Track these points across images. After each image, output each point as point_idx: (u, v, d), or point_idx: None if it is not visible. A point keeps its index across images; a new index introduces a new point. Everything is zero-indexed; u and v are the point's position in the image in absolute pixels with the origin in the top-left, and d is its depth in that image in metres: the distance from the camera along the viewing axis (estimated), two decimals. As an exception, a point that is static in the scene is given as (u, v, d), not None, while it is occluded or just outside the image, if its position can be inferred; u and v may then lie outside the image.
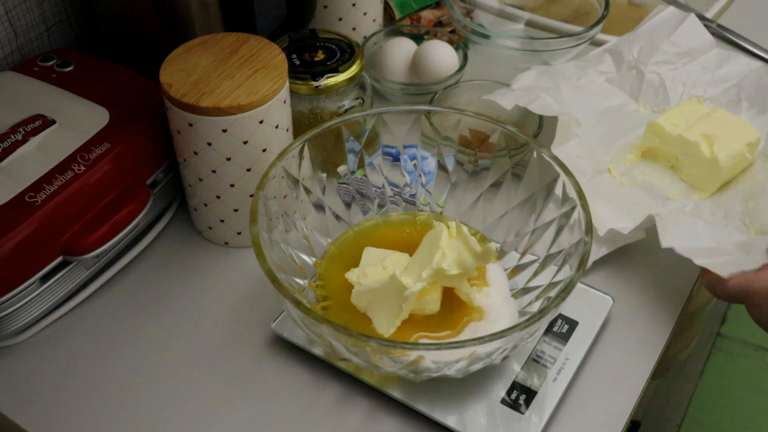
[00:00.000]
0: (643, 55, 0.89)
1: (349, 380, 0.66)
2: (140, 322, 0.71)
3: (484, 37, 0.91)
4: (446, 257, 0.63)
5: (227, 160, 0.70)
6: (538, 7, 1.03)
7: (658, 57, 0.88)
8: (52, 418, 0.65)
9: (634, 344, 0.70)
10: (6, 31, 0.82)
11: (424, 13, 1.00)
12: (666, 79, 0.87)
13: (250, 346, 0.69)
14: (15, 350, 0.69)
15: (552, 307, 0.59)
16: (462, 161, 0.76)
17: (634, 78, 0.88)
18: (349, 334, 0.56)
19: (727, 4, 1.09)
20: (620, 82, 0.88)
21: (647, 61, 0.88)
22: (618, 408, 0.65)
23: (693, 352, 1.33)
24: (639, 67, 0.88)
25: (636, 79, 0.87)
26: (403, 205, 0.78)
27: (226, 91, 0.68)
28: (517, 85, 0.84)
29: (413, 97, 0.91)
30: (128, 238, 0.74)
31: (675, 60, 0.89)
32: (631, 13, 1.09)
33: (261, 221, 0.63)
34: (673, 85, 0.86)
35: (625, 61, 0.89)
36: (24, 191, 0.66)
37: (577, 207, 0.65)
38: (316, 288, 0.70)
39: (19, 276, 0.65)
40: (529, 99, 0.80)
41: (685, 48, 0.89)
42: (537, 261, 0.69)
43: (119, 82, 0.77)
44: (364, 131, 0.73)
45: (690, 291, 0.75)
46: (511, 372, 0.66)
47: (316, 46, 0.81)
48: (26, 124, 0.70)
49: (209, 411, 0.65)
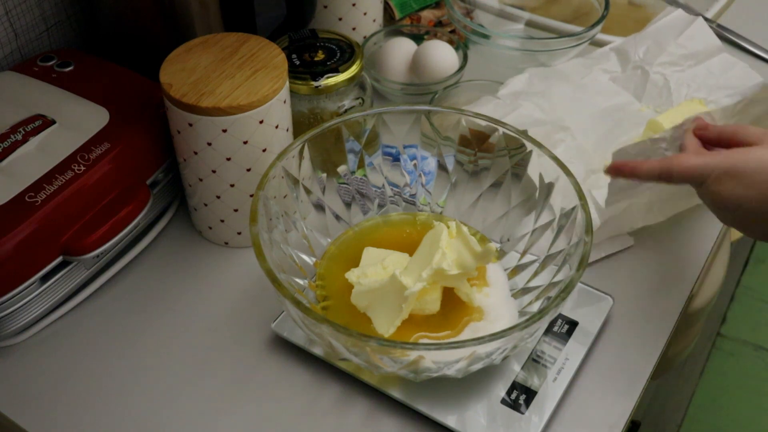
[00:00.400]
0: (649, 56, 0.89)
1: (349, 380, 0.66)
2: (140, 322, 0.71)
3: (484, 37, 0.91)
4: (446, 257, 0.63)
5: (227, 160, 0.70)
6: (538, 7, 1.03)
7: (664, 58, 0.88)
8: (52, 418, 0.65)
9: (634, 344, 0.70)
10: (6, 31, 0.82)
11: (424, 13, 1.00)
12: (671, 80, 0.87)
13: (250, 346, 0.69)
14: (15, 350, 0.69)
15: (552, 307, 0.59)
16: (462, 161, 0.76)
17: (639, 78, 0.88)
18: (349, 334, 0.56)
19: (727, 4, 1.09)
20: (625, 81, 0.88)
21: (653, 62, 0.88)
22: (618, 408, 0.65)
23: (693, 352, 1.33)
24: (644, 67, 0.88)
25: (641, 78, 0.87)
26: (403, 205, 0.78)
27: (226, 91, 0.68)
28: (504, 91, 0.84)
29: (413, 97, 0.91)
30: (128, 238, 0.74)
31: (681, 62, 0.88)
32: (631, 13, 1.09)
33: (261, 221, 0.63)
34: (677, 87, 0.86)
35: (630, 61, 0.89)
36: (24, 191, 0.66)
37: (577, 207, 0.65)
38: (316, 288, 0.70)
39: (19, 276, 0.65)
40: (506, 110, 0.80)
41: (691, 50, 0.89)
42: (537, 261, 0.69)
43: (119, 82, 0.78)
44: (364, 131, 0.73)
45: (690, 291, 0.75)
46: (511, 372, 0.66)
47: (316, 46, 0.81)
48: (26, 124, 0.70)
49: (209, 411, 0.65)
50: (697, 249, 0.78)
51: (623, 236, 0.77)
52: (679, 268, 0.76)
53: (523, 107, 0.80)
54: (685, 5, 1.07)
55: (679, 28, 0.90)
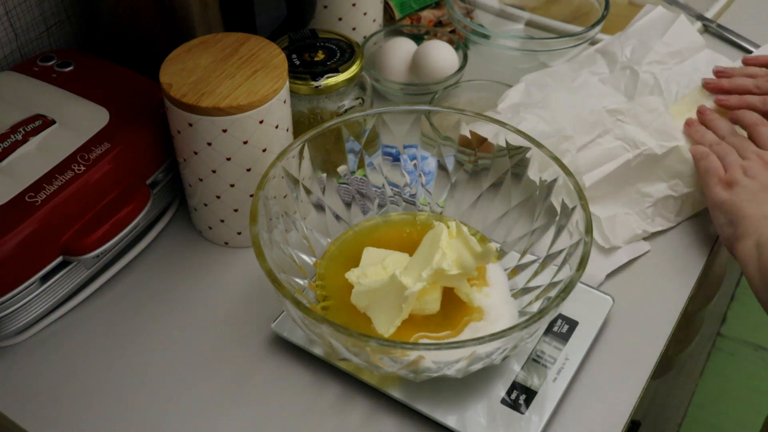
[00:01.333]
0: (636, 56, 0.89)
1: (349, 380, 0.66)
2: (140, 322, 0.71)
3: (484, 37, 0.91)
4: (446, 257, 0.63)
5: (227, 160, 0.70)
6: (538, 7, 1.03)
7: (652, 57, 0.88)
8: (52, 418, 0.65)
9: (634, 344, 0.70)
10: (6, 31, 0.82)
11: (424, 13, 1.00)
12: (660, 78, 0.87)
13: (250, 346, 0.69)
14: (15, 350, 0.69)
15: (552, 307, 0.59)
16: (462, 161, 0.76)
17: (629, 78, 0.88)
18: (349, 334, 0.56)
19: (727, 4, 1.09)
20: (614, 82, 0.88)
21: (641, 61, 0.88)
22: (618, 408, 0.65)
23: (693, 352, 1.33)
24: (633, 67, 0.88)
25: (630, 79, 0.87)
26: (403, 205, 0.78)
27: (226, 91, 0.68)
28: (504, 105, 0.84)
29: (413, 97, 0.91)
30: (128, 238, 0.74)
31: (667, 60, 0.89)
32: (631, 13, 1.09)
33: (261, 221, 0.63)
34: (666, 85, 0.87)
35: (618, 62, 0.89)
36: (24, 191, 0.66)
37: (577, 207, 0.65)
38: (316, 288, 0.70)
39: (19, 276, 0.65)
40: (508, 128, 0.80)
41: (676, 48, 0.89)
42: (537, 261, 0.69)
43: (119, 82, 0.78)
44: (364, 131, 0.73)
45: (690, 291, 0.75)
46: (511, 372, 0.66)
47: (316, 46, 0.81)
48: (26, 124, 0.70)
49: (209, 411, 0.65)
50: (697, 249, 0.78)
51: (639, 242, 0.77)
52: (679, 268, 0.76)
53: (526, 120, 0.80)
54: (684, 5, 1.07)
55: (663, 26, 0.91)
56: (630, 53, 0.89)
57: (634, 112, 0.80)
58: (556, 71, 0.89)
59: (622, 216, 0.77)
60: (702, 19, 1.05)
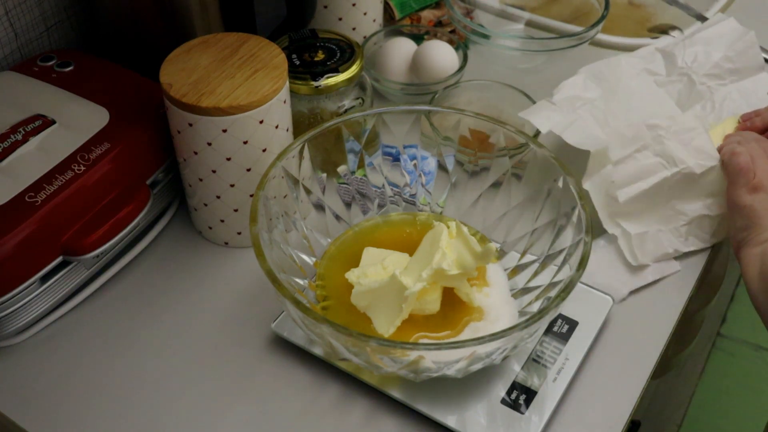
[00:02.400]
0: (696, 64, 0.85)
1: (349, 380, 0.66)
2: (140, 322, 0.71)
3: (484, 37, 0.91)
4: (446, 257, 0.63)
5: (227, 160, 0.70)
6: (538, 7, 1.03)
7: (711, 69, 0.85)
8: (52, 418, 0.65)
9: (634, 344, 0.70)
10: (6, 31, 0.82)
11: (424, 13, 1.00)
12: (715, 94, 0.84)
13: (250, 346, 0.69)
14: (15, 350, 0.69)
15: (552, 307, 0.59)
16: (462, 161, 0.76)
17: (684, 86, 0.85)
18: (349, 334, 0.56)
19: (727, 4, 1.10)
20: (669, 86, 0.85)
21: (699, 71, 0.85)
22: (618, 408, 0.65)
23: (693, 352, 1.33)
24: (691, 75, 0.85)
25: (686, 87, 0.85)
26: (403, 205, 0.78)
27: (226, 91, 0.68)
28: (559, 96, 0.81)
29: (413, 97, 0.91)
30: (128, 238, 0.74)
31: (726, 75, 0.85)
32: (631, 13, 1.09)
33: (261, 221, 0.63)
34: (720, 102, 0.83)
35: (676, 66, 0.86)
36: (24, 191, 0.66)
37: (577, 207, 0.65)
38: (316, 288, 0.70)
39: (19, 276, 0.65)
40: (564, 125, 0.78)
41: (738, 65, 0.86)
42: (537, 261, 0.69)
43: (119, 82, 0.78)
44: (364, 131, 0.73)
45: (690, 291, 0.75)
46: (511, 372, 0.66)
47: (316, 46, 0.81)
48: (26, 124, 0.70)
49: (209, 411, 0.65)
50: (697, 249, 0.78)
51: (670, 261, 0.76)
52: (680, 268, 0.76)
53: (581, 119, 0.78)
54: (685, 5, 1.07)
55: (730, 40, 0.87)
56: (691, 61, 0.86)
57: (675, 129, 0.77)
58: (614, 62, 0.86)
59: (654, 232, 0.76)
60: (702, 18, 1.05)
